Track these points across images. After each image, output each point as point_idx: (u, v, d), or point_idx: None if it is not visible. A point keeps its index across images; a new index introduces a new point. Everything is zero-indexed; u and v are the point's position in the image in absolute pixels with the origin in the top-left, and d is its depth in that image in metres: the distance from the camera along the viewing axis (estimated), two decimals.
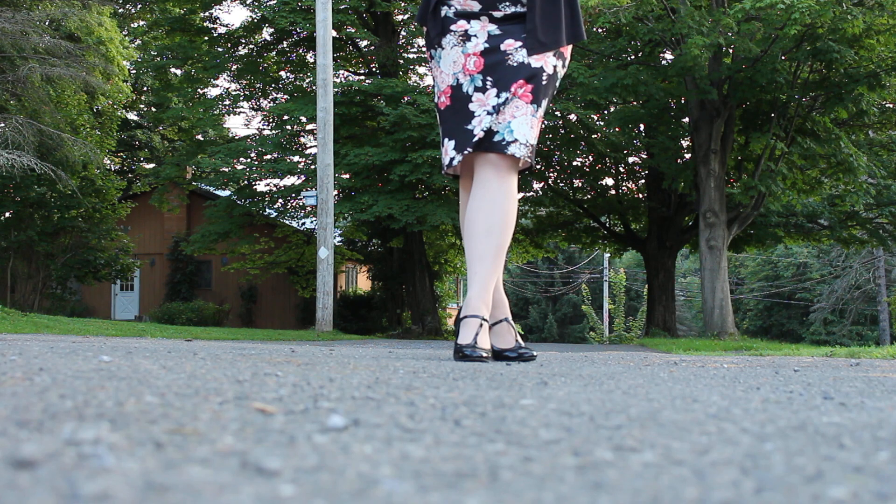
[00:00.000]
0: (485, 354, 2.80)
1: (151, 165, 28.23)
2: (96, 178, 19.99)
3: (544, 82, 3.01)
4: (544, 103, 3.04)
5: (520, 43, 2.99)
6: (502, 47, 2.99)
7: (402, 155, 17.83)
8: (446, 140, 3.07)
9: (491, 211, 2.95)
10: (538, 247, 25.04)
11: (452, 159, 3.02)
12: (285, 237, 23.65)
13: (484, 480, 0.75)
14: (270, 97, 23.08)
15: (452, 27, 3.04)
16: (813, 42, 14.79)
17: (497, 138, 2.95)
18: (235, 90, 22.76)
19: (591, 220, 23.57)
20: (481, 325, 2.87)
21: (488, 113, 2.95)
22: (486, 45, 3.00)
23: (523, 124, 2.96)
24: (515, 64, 2.98)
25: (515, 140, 2.94)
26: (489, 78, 2.98)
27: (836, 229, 21.02)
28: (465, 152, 2.98)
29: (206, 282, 27.69)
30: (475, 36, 3.02)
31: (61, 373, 1.53)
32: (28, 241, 19.55)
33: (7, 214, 20.29)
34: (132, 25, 24.56)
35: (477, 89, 2.99)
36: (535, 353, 3.10)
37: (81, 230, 20.45)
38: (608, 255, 34.77)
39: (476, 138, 2.94)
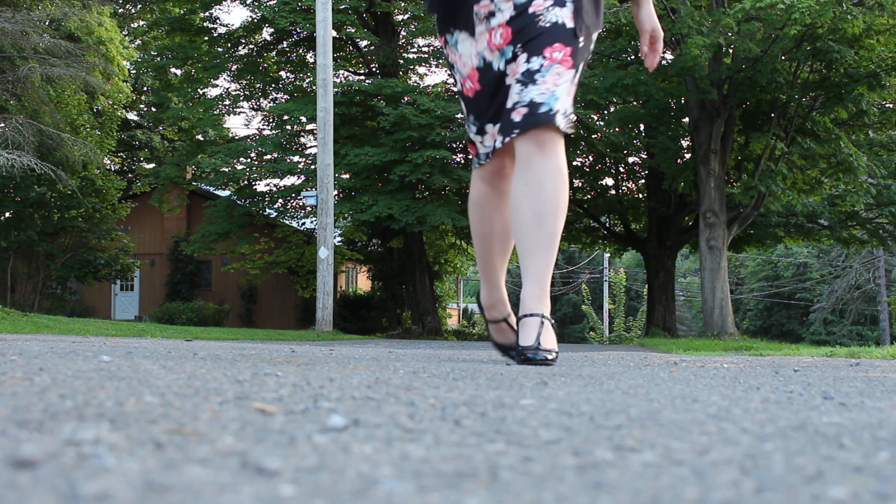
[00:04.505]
0: (550, 357, 2.58)
1: (151, 165, 28.26)
2: (96, 178, 20.01)
3: (581, 44, 2.68)
4: (581, 68, 2.71)
5: (552, 1, 2.65)
6: (531, 10, 2.64)
7: (402, 155, 17.83)
8: (489, 126, 2.73)
9: (539, 195, 2.61)
10: None
11: (495, 142, 2.70)
12: (285, 237, 23.66)
13: (484, 480, 0.75)
14: (270, 97, 23.09)
15: (475, 7, 2.72)
16: (813, 42, 14.79)
17: (543, 109, 2.58)
18: (235, 90, 22.78)
19: (591, 220, 23.57)
20: (542, 324, 2.63)
21: (520, 82, 2.62)
22: (513, 13, 2.66)
23: (565, 93, 2.62)
24: (548, 24, 2.63)
25: (559, 110, 2.60)
26: (518, 44, 2.64)
27: (836, 229, 21.03)
28: (512, 135, 2.62)
29: (206, 282, 27.69)
30: (500, 10, 2.68)
31: (61, 373, 1.53)
32: (28, 241, 19.55)
33: (7, 214, 20.31)
34: (132, 25, 24.59)
35: (508, 62, 2.67)
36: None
37: (81, 230, 20.46)
38: (608, 255, 34.78)
39: (518, 116, 2.59)
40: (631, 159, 22.71)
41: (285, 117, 20.05)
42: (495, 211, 2.97)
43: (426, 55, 22.07)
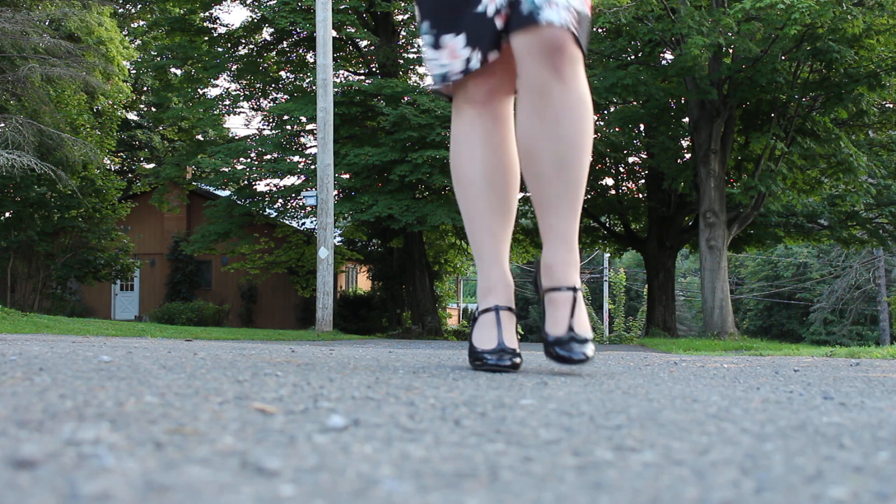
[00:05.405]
0: (588, 353, 1.97)
1: (151, 165, 28.28)
2: (96, 178, 20.02)
3: None
4: None
5: None
6: None
7: (402, 155, 17.84)
8: (448, 37, 2.02)
9: (560, 135, 1.98)
10: (538, 247, 25.02)
11: (468, 62, 2.00)
12: (285, 237, 23.67)
13: (484, 480, 0.75)
14: (270, 97, 23.11)
15: None
16: (813, 42, 14.79)
17: (525, 7, 1.91)
18: (235, 90, 22.80)
19: (591, 220, 23.59)
20: (575, 301, 2.02)
21: None
22: None
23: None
24: None
25: (551, 2, 1.90)
26: None
27: (836, 229, 21.04)
28: (491, 56, 1.99)
29: (206, 282, 27.69)
30: None
31: (61, 373, 1.53)
32: (28, 241, 19.56)
33: (7, 214, 20.31)
34: (132, 25, 24.60)
35: None
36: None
37: (81, 230, 20.46)
38: (608, 255, 34.79)
39: (498, 25, 1.95)
40: (631, 159, 22.73)
41: (285, 117, 20.06)
42: (486, 144, 2.13)
43: None
